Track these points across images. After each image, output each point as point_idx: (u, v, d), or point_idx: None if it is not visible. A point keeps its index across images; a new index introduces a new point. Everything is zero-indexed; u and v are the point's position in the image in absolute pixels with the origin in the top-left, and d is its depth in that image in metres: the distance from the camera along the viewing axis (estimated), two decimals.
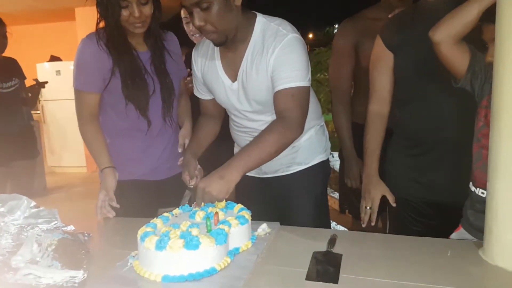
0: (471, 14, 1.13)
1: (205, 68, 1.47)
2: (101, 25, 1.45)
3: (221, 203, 1.21)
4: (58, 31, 6.39)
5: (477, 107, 1.22)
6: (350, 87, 2.07)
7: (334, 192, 3.34)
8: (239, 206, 1.19)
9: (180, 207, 1.24)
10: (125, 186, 1.52)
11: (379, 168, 1.51)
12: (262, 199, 1.58)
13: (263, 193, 1.59)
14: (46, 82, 2.95)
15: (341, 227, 2.92)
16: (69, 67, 5.61)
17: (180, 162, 1.59)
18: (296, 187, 1.54)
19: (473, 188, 1.20)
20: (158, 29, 1.50)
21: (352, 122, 2.01)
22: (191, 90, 1.66)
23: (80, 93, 1.48)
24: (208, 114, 1.58)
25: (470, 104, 1.25)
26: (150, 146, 1.57)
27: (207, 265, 0.92)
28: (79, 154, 5.66)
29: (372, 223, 1.50)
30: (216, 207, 1.19)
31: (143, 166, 1.57)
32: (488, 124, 1.14)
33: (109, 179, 1.44)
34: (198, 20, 1.24)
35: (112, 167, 1.47)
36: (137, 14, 1.37)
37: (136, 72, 1.46)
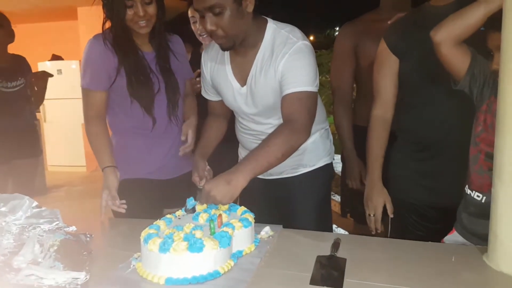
0: (474, 17, 1.13)
1: (214, 71, 1.48)
2: (106, 26, 1.47)
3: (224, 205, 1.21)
4: (60, 30, 6.38)
5: (476, 110, 1.22)
6: (351, 89, 2.08)
7: (335, 194, 3.34)
8: (243, 209, 1.19)
9: (184, 207, 1.23)
10: (130, 184, 1.53)
11: (381, 172, 1.51)
12: (265, 200, 1.58)
13: (266, 194, 1.59)
14: (51, 75, 2.88)
15: (341, 230, 2.91)
16: (70, 66, 5.58)
17: (182, 152, 1.60)
18: (300, 189, 1.53)
19: (468, 191, 1.20)
20: (162, 30, 1.52)
21: (354, 125, 2.02)
22: (198, 91, 1.67)
23: (87, 91, 1.50)
24: (215, 114, 1.60)
25: (474, 107, 1.25)
26: (156, 145, 1.57)
27: (210, 268, 0.92)
28: (79, 153, 5.64)
29: (378, 231, 1.50)
30: (219, 209, 1.19)
31: (148, 164, 1.57)
32: (487, 129, 1.14)
33: (110, 178, 1.45)
34: (209, 25, 1.25)
35: (113, 166, 1.47)
36: (141, 13, 1.40)
37: (141, 71, 1.48)
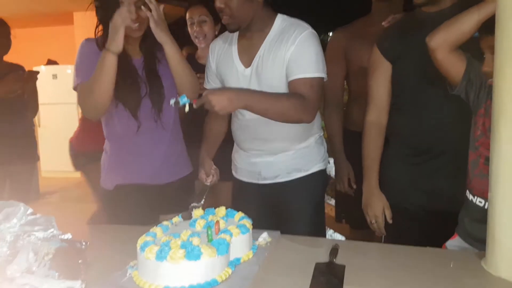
0: (469, 23, 1.14)
1: (220, 57, 1.54)
2: (99, 32, 1.48)
3: (221, 211, 1.20)
4: (56, 34, 6.36)
5: (473, 115, 1.23)
6: (343, 92, 2.11)
7: (331, 198, 3.33)
8: (240, 214, 1.18)
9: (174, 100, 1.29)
10: (125, 190, 1.52)
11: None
12: (260, 205, 1.57)
13: (261, 199, 1.58)
14: (37, 72, 2.82)
15: (338, 235, 2.90)
16: (66, 71, 5.56)
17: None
18: (294, 194, 1.54)
19: (470, 196, 1.20)
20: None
21: (345, 129, 2.03)
22: (201, 87, 1.68)
23: (81, 86, 1.46)
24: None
25: (471, 112, 1.25)
26: (149, 149, 1.56)
27: (208, 276, 0.90)
28: None
29: (384, 234, 1.51)
30: (216, 215, 1.18)
31: (142, 169, 1.56)
32: (486, 132, 1.14)
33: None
34: (219, 2, 1.37)
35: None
36: (134, 16, 1.39)
37: (128, 75, 1.48)
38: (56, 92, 5.07)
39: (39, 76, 2.77)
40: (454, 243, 1.25)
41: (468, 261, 1.06)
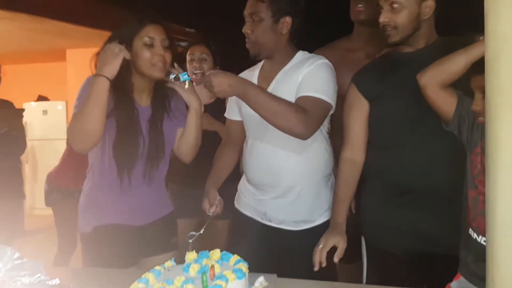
0: (458, 64, 1.17)
1: None
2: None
3: (216, 253, 1.15)
4: (47, 71, 6.39)
5: (465, 151, 1.23)
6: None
7: None
8: (235, 258, 1.13)
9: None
10: (104, 231, 1.44)
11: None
12: (258, 243, 1.54)
13: (261, 238, 1.55)
14: (23, 109, 2.79)
15: None
16: (56, 107, 5.54)
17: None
18: (299, 243, 1.50)
19: (474, 235, 1.18)
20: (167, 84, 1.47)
21: None
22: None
23: (73, 114, 1.40)
24: (229, 141, 1.69)
25: (456, 150, 1.26)
26: (130, 188, 1.46)
27: None
28: None
29: (322, 265, 1.34)
30: (211, 258, 1.13)
31: (122, 209, 1.47)
32: (484, 170, 1.14)
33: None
34: (246, 28, 1.48)
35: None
36: (162, 52, 1.38)
37: (130, 128, 1.42)
38: (46, 128, 5.04)
39: (29, 113, 2.76)
40: (459, 285, 1.21)
41: None
